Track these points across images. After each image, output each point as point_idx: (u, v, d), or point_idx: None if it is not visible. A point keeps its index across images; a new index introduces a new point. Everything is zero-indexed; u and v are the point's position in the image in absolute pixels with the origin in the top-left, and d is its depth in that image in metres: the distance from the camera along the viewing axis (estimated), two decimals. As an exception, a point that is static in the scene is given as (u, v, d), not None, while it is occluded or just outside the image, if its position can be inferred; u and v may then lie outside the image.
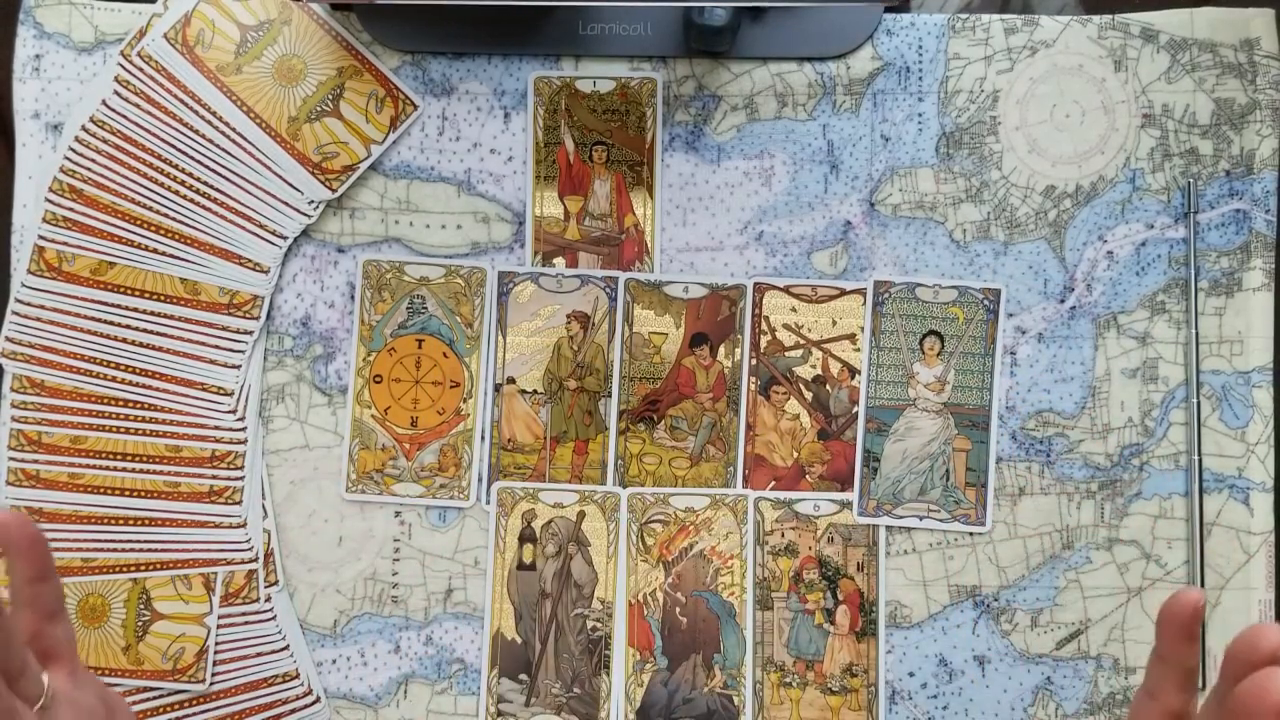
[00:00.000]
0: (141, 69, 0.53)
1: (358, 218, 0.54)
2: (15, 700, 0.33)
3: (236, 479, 0.53)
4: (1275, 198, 0.53)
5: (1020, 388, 0.53)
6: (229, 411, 0.53)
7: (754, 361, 0.54)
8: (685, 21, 0.52)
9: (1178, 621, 0.34)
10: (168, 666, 0.52)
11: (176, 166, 0.53)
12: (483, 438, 0.54)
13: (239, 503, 0.52)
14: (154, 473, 0.52)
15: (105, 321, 0.53)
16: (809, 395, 0.54)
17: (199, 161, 0.53)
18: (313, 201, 0.54)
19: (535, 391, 0.54)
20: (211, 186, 0.53)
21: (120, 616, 0.52)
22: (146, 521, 0.52)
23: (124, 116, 0.53)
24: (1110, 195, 0.54)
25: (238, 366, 0.53)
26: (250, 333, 0.53)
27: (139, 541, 0.52)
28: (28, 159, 0.54)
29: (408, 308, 0.54)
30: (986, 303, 0.53)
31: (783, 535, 0.53)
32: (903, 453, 0.53)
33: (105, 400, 0.53)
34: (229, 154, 0.53)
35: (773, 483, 0.53)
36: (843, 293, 0.54)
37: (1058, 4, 0.55)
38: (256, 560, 0.53)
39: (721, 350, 0.54)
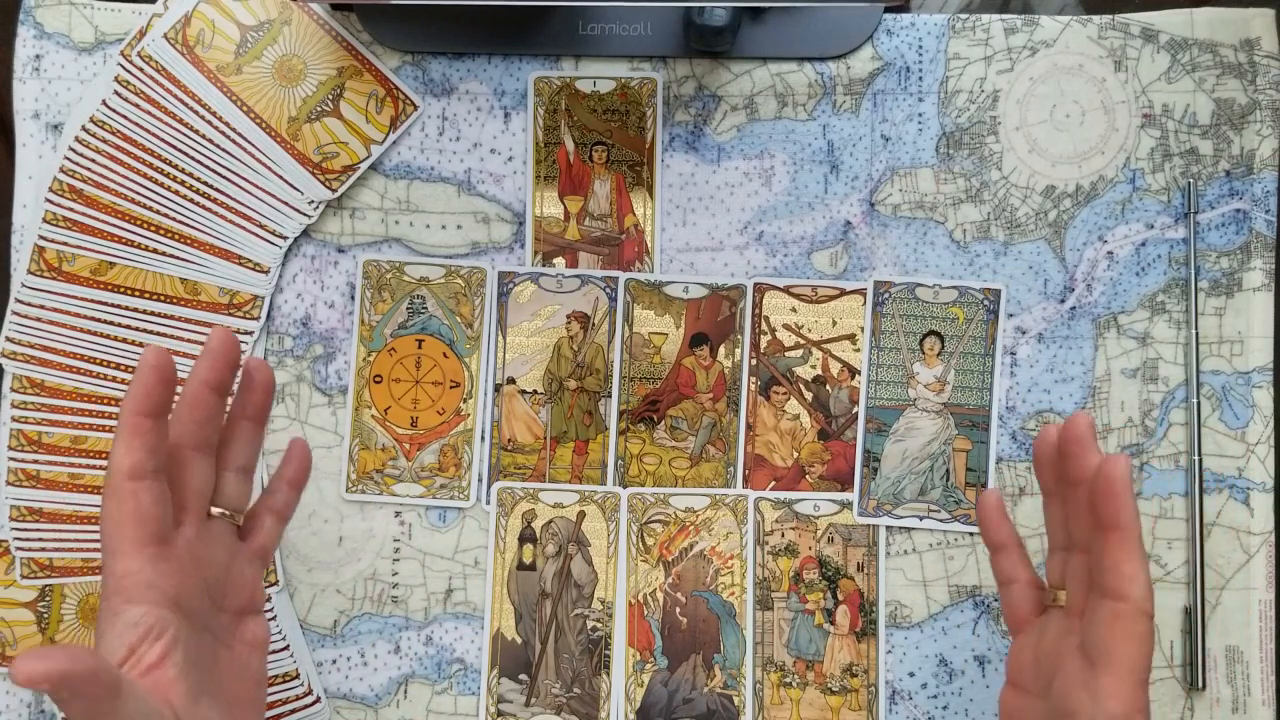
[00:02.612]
0: (141, 69, 0.53)
1: (358, 218, 0.54)
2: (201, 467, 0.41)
3: (236, 479, 0.53)
4: (1275, 198, 0.53)
5: (1020, 388, 0.53)
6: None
7: (754, 361, 0.54)
8: (685, 21, 0.52)
9: (994, 514, 0.44)
10: (168, 666, 0.52)
11: (176, 166, 0.53)
12: (483, 438, 0.54)
13: (239, 503, 0.52)
14: (154, 473, 0.52)
15: (105, 321, 0.53)
16: (809, 395, 0.54)
17: (199, 161, 0.53)
18: (313, 201, 0.54)
19: (535, 391, 0.54)
20: (211, 186, 0.53)
21: (120, 616, 0.52)
22: (146, 521, 0.52)
23: (124, 116, 0.53)
24: (1110, 195, 0.54)
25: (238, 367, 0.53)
26: (250, 333, 0.53)
27: (139, 541, 0.52)
28: (28, 159, 0.54)
29: (408, 308, 0.54)
30: (986, 303, 0.53)
31: (783, 535, 0.53)
32: (903, 453, 0.53)
33: (105, 400, 0.53)
34: (229, 154, 0.53)
35: (773, 483, 0.53)
36: (843, 293, 0.54)
37: (1058, 4, 0.56)
38: (256, 560, 0.53)
39: (721, 350, 0.54)
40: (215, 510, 0.42)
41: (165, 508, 0.39)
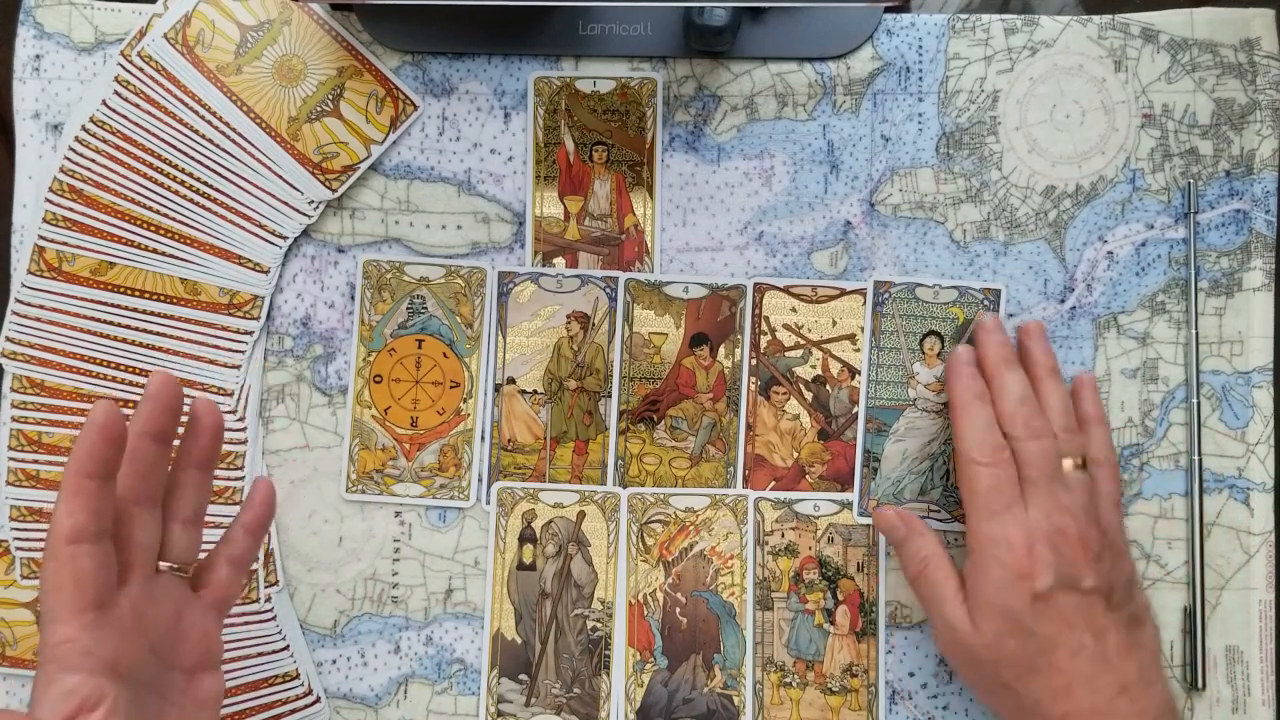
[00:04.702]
0: (141, 69, 0.53)
1: (358, 218, 0.54)
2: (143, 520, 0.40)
3: (236, 479, 0.53)
4: (1275, 198, 0.53)
5: (1020, 388, 0.53)
6: (229, 412, 0.53)
7: (754, 361, 0.54)
8: (685, 21, 0.52)
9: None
10: (168, 666, 0.52)
11: (176, 166, 0.53)
12: (483, 438, 0.54)
13: (239, 503, 0.52)
14: (154, 473, 0.52)
15: (105, 321, 0.53)
16: (809, 395, 0.54)
17: (199, 161, 0.53)
18: (313, 201, 0.54)
19: (535, 391, 0.54)
20: (211, 186, 0.53)
21: (120, 616, 0.52)
22: (146, 521, 0.52)
23: (124, 116, 0.53)
24: (1110, 195, 0.54)
25: (238, 367, 0.53)
26: (250, 333, 0.53)
27: (139, 541, 0.52)
28: (28, 159, 0.54)
29: (408, 308, 0.54)
30: (986, 303, 0.53)
31: (783, 535, 0.53)
32: (903, 453, 0.53)
33: (105, 400, 0.53)
34: (229, 154, 0.53)
35: (773, 483, 0.53)
36: (843, 293, 0.54)
37: (1058, 4, 0.56)
38: (256, 560, 0.52)
39: (721, 350, 0.54)
40: (163, 564, 0.41)
41: (107, 571, 0.37)
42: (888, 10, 0.54)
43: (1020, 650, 0.44)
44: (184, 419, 0.42)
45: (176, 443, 0.42)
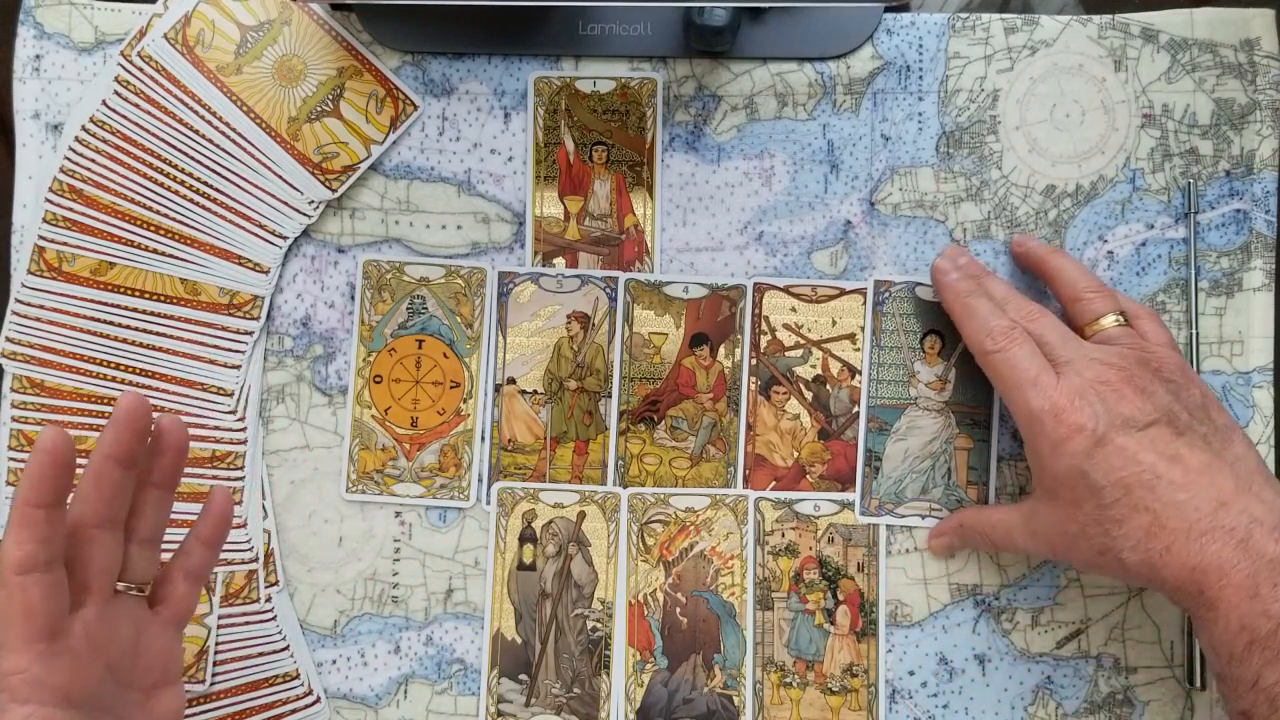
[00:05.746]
0: (141, 69, 0.53)
1: (358, 218, 0.54)
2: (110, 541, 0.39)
3: (236, 479, 0.53)
4: (1275, 198, 0.53)
5: (1020, 387, 0.53)
6: (229, 412, 0.53)
7: (754, 361, 0.54)
8: (685, 21, 0.52)
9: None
10: (168, 667, 0.52)
11: (176, 166, 0.53)
12: (483, 438, 0.54)
13: (239, 503, 0.52)
14: (154, 473, 0.52)
15: (105, 321, 0.53)
16: (809, 395, 0.54)
17: (199, 161, 0.53)
18: (313, 201, 0.54)
19: (535, 392, 0.54)
20: (211, 186, 0.53)
21: (120, 617, 0.52)
22: (146, 522, 0.52)
23: (124, 116, 0.53)
24: (1110, 195, 0.54)
25: (238, 367, 0.53)
26: (250, 333, 0.53)
27: (139, 542, 0.52)
28: (28, 159, 0.54)
29: (408, 308, 0.54)
30: (987, 302, 0.53)
31: (783, 535, 0.53)
32: (904, 452, 0.53)
33: (105, 400, 0.53)
34: (229, 154, 0.53)
35: (773, 483, 0.53)
36: (843, 292, 0.54)
37: (1058, 4, 0.56)
38: (256, 560, 0.53)
39: (721, 350, 0.54)
40: (120, 585, 0.40)
41: (58, 600, 0.37)
42: (888, 10, 0.54)
43: (1096, 508, 0.42)
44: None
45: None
